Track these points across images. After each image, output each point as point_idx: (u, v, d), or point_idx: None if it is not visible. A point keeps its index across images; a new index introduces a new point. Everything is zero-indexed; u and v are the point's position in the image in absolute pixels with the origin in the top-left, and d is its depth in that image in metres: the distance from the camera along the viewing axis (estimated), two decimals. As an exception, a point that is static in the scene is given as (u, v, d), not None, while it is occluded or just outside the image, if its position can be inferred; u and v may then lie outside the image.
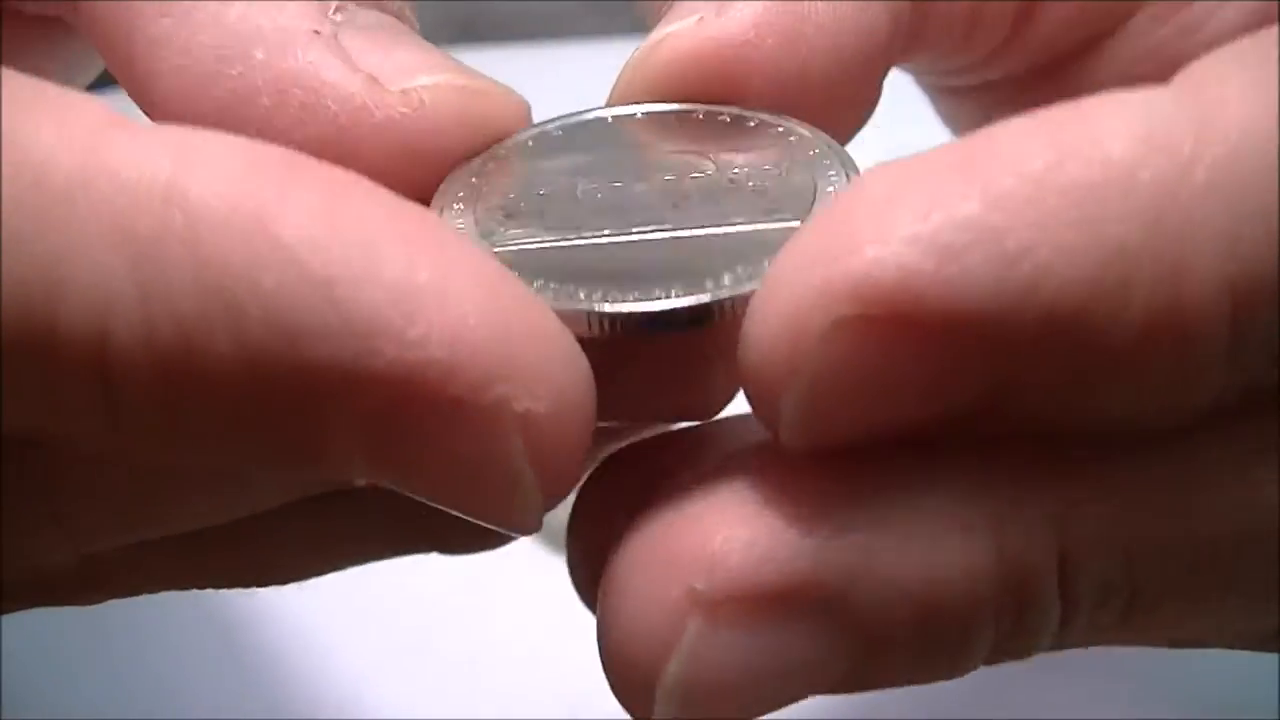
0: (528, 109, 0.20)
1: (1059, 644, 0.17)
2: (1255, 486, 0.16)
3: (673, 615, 0.16)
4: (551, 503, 0.16)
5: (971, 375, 0.15)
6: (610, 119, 0.20)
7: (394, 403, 0.15)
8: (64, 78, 0.24)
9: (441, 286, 0.15)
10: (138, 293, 0.14)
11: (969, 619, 0.16)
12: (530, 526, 0.16)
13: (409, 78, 0.18)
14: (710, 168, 0.19)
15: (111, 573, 0.20)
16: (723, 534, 0.16)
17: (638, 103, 0.20)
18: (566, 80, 0.32)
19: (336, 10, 0.18)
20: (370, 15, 0.19)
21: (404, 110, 0.18)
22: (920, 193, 0.15)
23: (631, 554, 0.16)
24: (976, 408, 0.15)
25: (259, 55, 0.17)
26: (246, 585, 0.21)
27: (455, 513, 0.16)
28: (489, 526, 0.16)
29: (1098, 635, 0.17)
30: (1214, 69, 0.16)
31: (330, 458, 0.15)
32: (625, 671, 0.16)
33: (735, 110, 0.19)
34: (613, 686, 0.17)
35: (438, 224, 0.16)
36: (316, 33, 0.18)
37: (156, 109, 0.18)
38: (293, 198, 0.15)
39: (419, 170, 0.18)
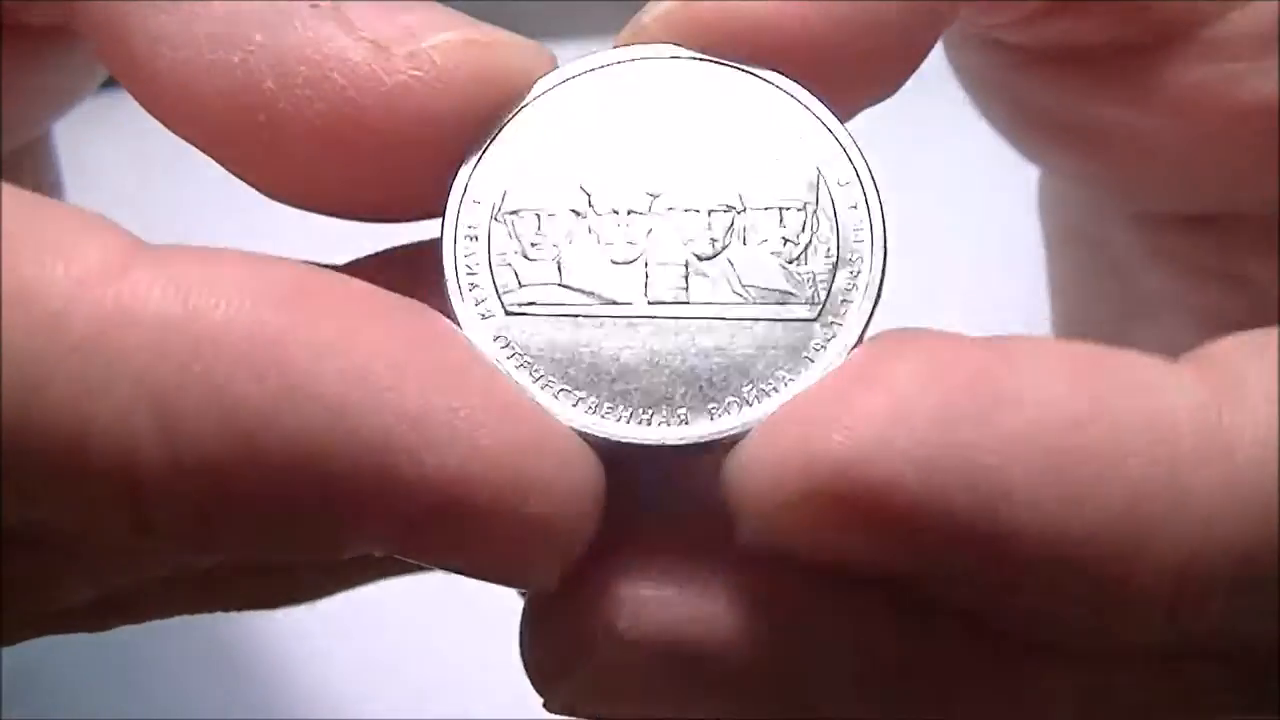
0: (549, 56, 0.19)
1: None
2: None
3: (579, 651, 0.17)
4: (566, 569, 0.17)
5: (917, 565, 0.16)
6: (633, 62, 0.18)
7: (414, 513, 0.15)
8: (71, 86, 0.24)
9: (456, 412, 0.15)
10: (161, 432, 0.15)
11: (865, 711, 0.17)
12: (549, 588, 0.17)
13: (416, 39, 0.17)
14: (731, 199, 0.18)
15: (130, 604, 0.20)
16: (639, 586, 0.17)
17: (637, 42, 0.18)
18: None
19: None
20: None
21: (415, 73, 0.17)
22: (928, 406, 0.16)
23: (554, 597, 0.18)
24: (904, 582, 0.17)
25: (258, 38, 0.17)
26: (263, 609, 0.22)
27: (475, 578, 0.17)
28: (507, 586, 0.17)
29: None
30: (1236, 360, 0.17)
31: (353, 550, 0.16)
32: (538, 683, 0.18)
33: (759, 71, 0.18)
34: (532, 683, 0.18)
35: (451, 341, 0.16)
36: (315, 5, 0.17)
37: (161, 107, 0.18)
38: (305, 328, 0.15)
39: (438, 133, 0.17)
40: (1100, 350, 0.17)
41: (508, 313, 0.17)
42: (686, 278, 0.17)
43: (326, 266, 0.21)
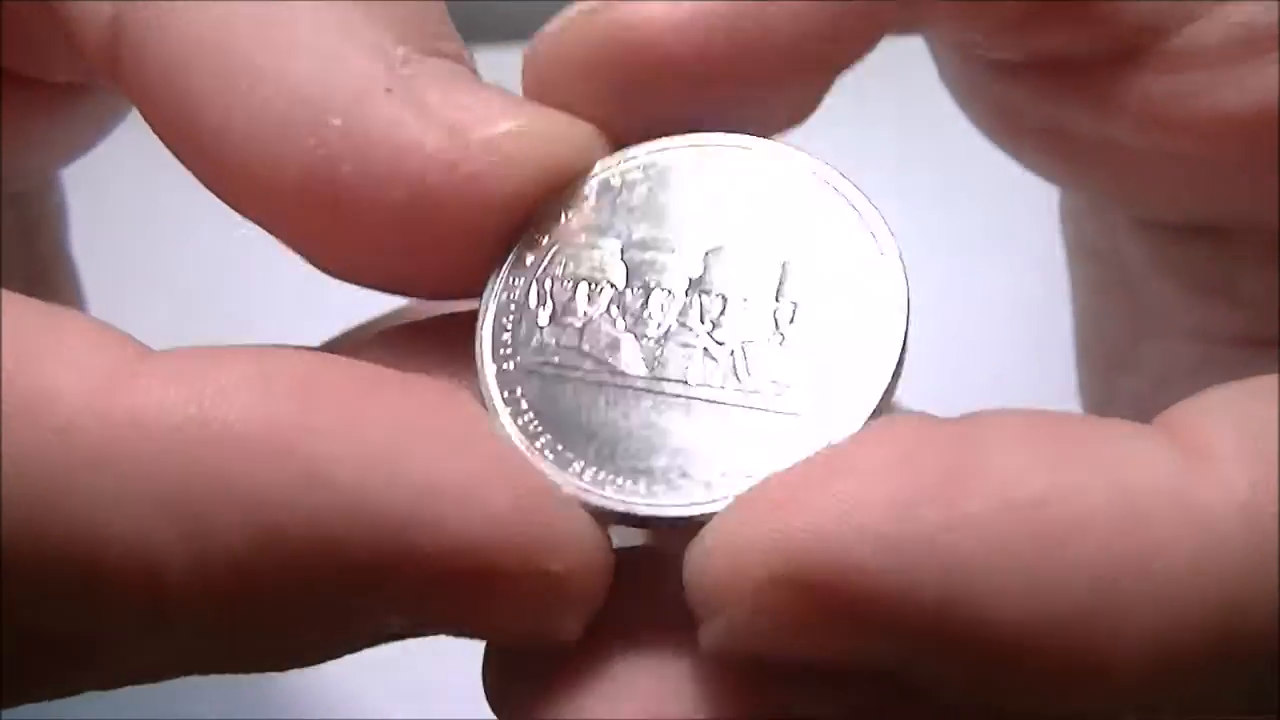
0: (601, 142, 0.19)
1: None
2: None
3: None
4: (585, 622, 0.17)
5: (886, 659, 0.16)
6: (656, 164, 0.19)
7: (435, 582, 0.16)
8: (83, 136, 0.23)
9: (468, 486, 0.16)
10: (182, 538, 0.15)
11: None
12: (572, 638, 0.17)
13: (490, 126, 0.17)
14: (758, 290, 0.18)
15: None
16: (618, 666, 0.17)
17: (554, 89, 0.19)
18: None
19: (404, 63, 0.17)
20: (438, 64, 0.18)
21: (491, 160, 0.17)
22: (890, 488, 0.15)
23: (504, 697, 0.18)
24: (881, 679, 0.16)
25: (335, 123, 0.17)
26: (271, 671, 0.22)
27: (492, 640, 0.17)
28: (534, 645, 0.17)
29: None
30: (1206, 423, 0.16)
31: (372, 626, 0.16)
32: None
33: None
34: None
35: (460, 415, 0.16)
36: (389, 90, 0.17)
37: (223, 183, 0.17)
38: (316, 417, 0.15)
39: (502, 219, 0.18)
40: (1068, 421, 0.16)
41: (525, 371, 0.18)
42: (701, 359, 0.18)
43: (347, 335, 0.21)
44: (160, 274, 0.44)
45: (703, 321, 0.18)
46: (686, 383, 0.18)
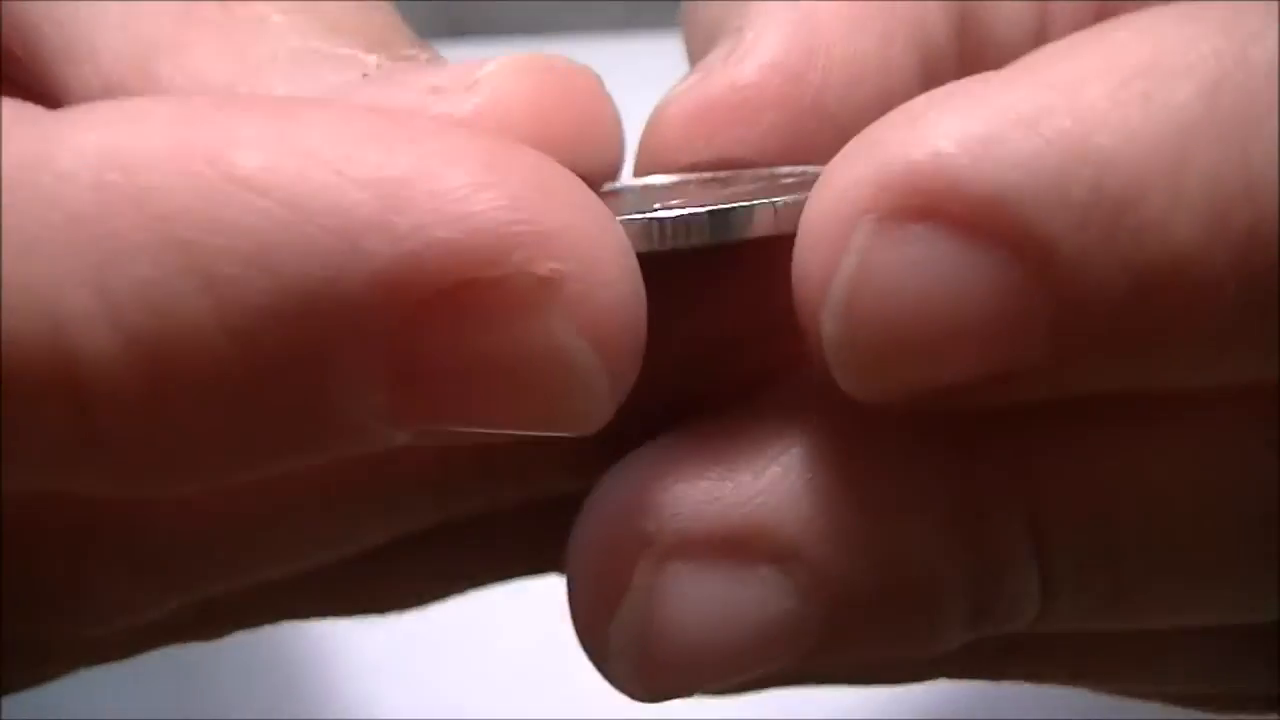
0: (599, 85, 0.17)
1: (1049, 624, 0.16)
2: (1250, 460, 0.15)
3: (623, 559, 0.15)
4: (620, 384, 0.14)
5: (1030, 299, 0.14)
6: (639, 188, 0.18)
7: (404, 310, 0.13)
8: None
9: (429, 168, 0.13)
10: (88, 274, 0.13)
11: (935, 581, 0.15)
12: (603, 414, 0.14)
13: (469, 75, 0.16)
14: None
15: (227, 612, 0.19)
16: (673, 475, 0.16)
17: (653, 171, 0.18)
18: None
19: (378, 66, 0.17)
20: (410, 63, 0.17)
21: (476, 101, 0.16)
22: (964, 90, 0.14)
23: (591, 504, 0.16)
24: (1034, 373, 0.14)
25: None
26: (364, 615, 0.21)
27: (516, 432, 0.14)
28: (555, 431, 0.14)
29: (1089, 618, 0.17)
30: None
31: (352, 414, 0.13)
32: (585, 625, 0.16)
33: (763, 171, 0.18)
34: (580, 642, 0.17)
35: (421, 118, 0.14)
36: (366, 76, 0.16)
37: None
38: (241, 127, 0.13)
39: None
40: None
41: None
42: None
43: None
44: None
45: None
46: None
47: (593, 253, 0.13)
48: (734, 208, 0.15)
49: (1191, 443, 0.16)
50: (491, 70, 0.16)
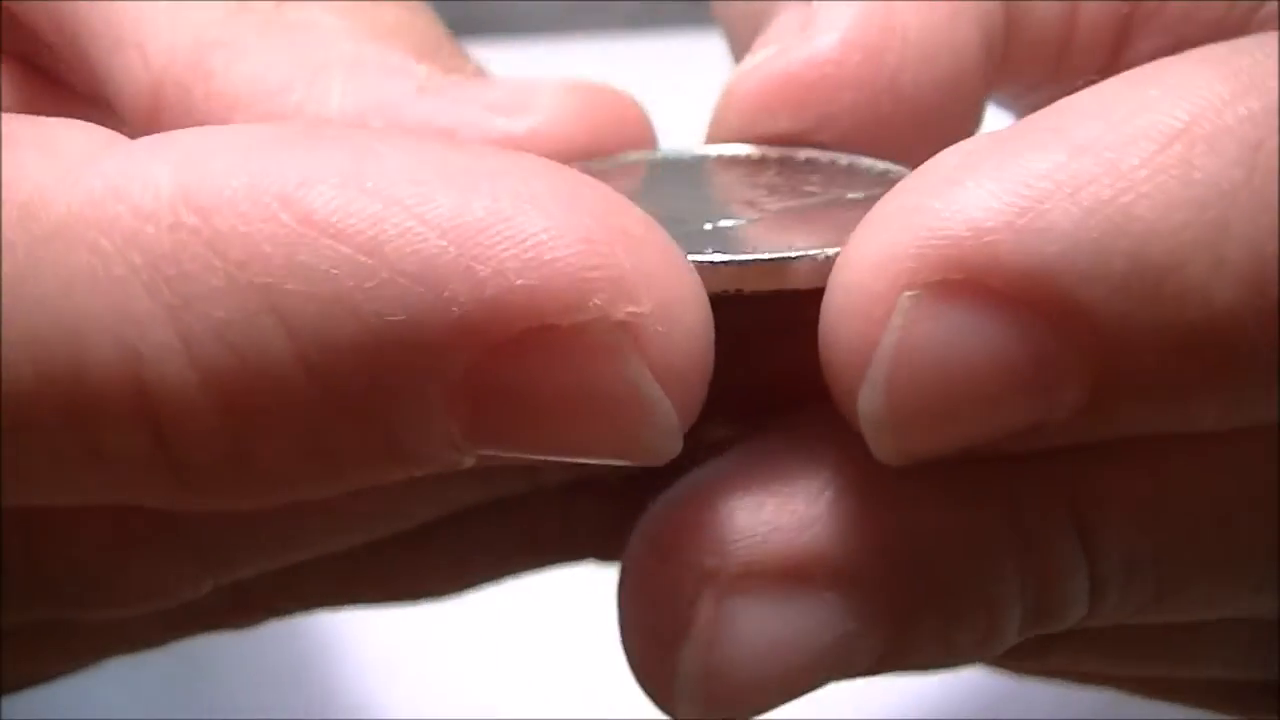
0: (644, 113, 0.18)
1: (1094, 621, 0.17)
2: None
3: (684, 595, 0.15)
4: (687, 419, 0.14)
5: (1070, 361, 0.14)
6: (696, 158, 0.19)
7: (481, 350, 0.13)
8: None
9: (506, 211, 0.13)
10: (167, 314, 0.13)
11: (991, 593, 0.16)
12: (671, 448, 0.14)
13: (522, 95, 0.17)
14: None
15: (262, 597, 0.20)
16: (731, 506, 0.15)
17: (727, 141, 0.19)
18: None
19: (429, 76, 0.17)
20: (460, 77, 0.18)
21: (532, 122, 0.16)
22: (997, 152, 0.14)
23: (644, 534, 0.16)
24: (1073, 419, 0.14)
25: (377, 124, 0.16)
26: (399, 602, 0.21)
27: (580, 460, 0.14)
28: (621, 462, 0.14)
29: (1133, 616, 0.17)
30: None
31: (424, 443, 0.14)
32: (644, 662, 0.16)
33: (818, 153, 0.18)
34: (637, 680, 0.16)
35: (495, 154, 0.14)
36: (421, 89, 0.17)
37: None
38: (316, 166, 0.13)
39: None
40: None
41: None
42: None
43: None
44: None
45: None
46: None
47: (668, 296, 0.13)
48: (798, 256, 0.15)
49: (1233, 455, 0.16)
50: (545, 92, 0.16)
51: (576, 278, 0.13)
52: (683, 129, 0.21)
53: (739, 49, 0.20)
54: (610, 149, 0.17)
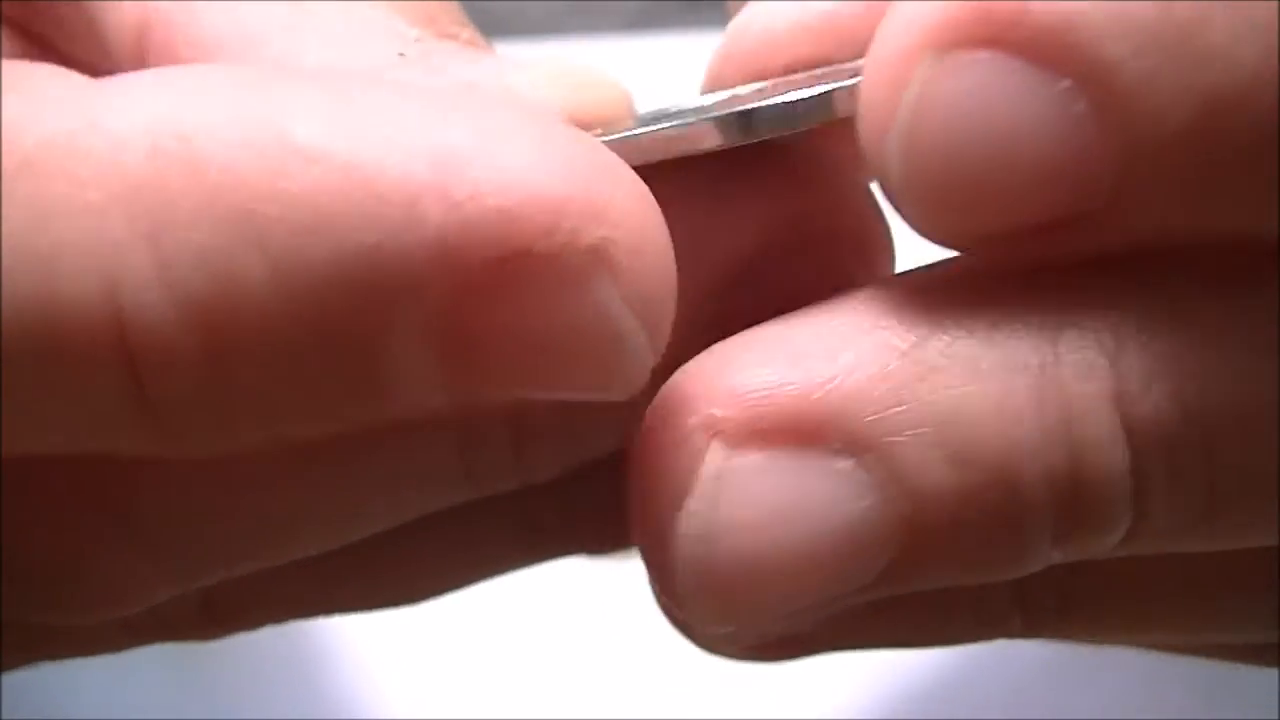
0: (629, 96, 0.18)
1: (1136, 544, 0.16)
2: None
3: (692, 449, 0.15)
4: (658, 346, 0.14)
5: (1096, 131, 0.13)
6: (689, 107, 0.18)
7: (457, 277, 0.13)
8: None
9: (482, 140, 0.13)
10: (145, 241, 0.13)
11: (1020, 481, 0.15)
12: (640, 378, 0.14)
13: (504, 80, 0.16)
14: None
15: (234, 606, 0.19)
16: (742, 361, 0.15)
17: (731, 85, 0.18)
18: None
19: (418, 41, 0.17)
20: (452, 44, 0.17)
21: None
22: None
23: (659, 398, 0.16)
24: (1102, 216, 0.14)
25: None
26: (379, 608, 0.20)
27: (556, 395, 0.14)
28: (597, 396, 0.15)
29: (1180, 536, 0.16)
30: None
31: (401, 380, 0.14)
32: (646, 525, 0.16)
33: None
34: (640, 551, 0.16)
35: (474, 91, 0.14)
36: (402, 55, 0.16)
37: None
38: (298, 98, 0.13)
39: None
40: None
41: None
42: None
43: None
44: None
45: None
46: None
47: (636, 223, 0.14)
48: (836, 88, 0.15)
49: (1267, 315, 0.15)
50: (525, 76, 0.16)
51: (550, 202, 0.13)
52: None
53: None
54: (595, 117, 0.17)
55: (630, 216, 0.14)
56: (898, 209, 0.14)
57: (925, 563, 0.15)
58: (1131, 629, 0.19)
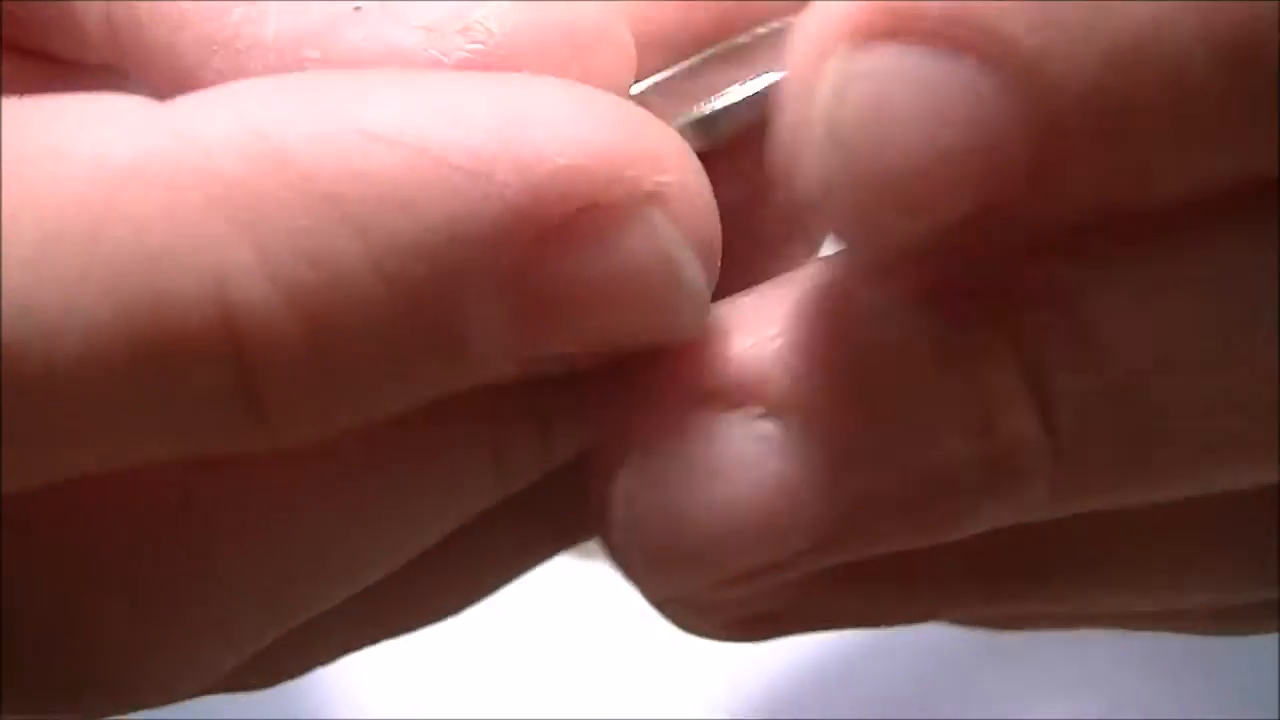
0: (619, 19, 0.17)
1: (1068, 497, 0.16)
2: (1256, 282, 0.15)
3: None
4: (712, 288, 0.16)
5: (1006, 107, 0.13)
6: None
7: (530, 237, 0.14)
8: None
9: (538, 109, 0.14)
10: (246, 234, 0.14)
11: (930, 421, 0.15)
12: (701, 316, 0.16)
13: (466, 16, 0.16)
14: None
15: (283, 660, 0.19)
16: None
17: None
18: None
19: None
20: None
21: (474, 47, 0.16)
22: None
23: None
24: (1024, 200, 0.14)
25: (313, 55, 0.16)
26: (421, 627, 0.21)
27: (622, 342, 0.15)
28: (661, 337, 0.15)
29: (1111, 488, 0.16)
30: None
31: (477, 340, 0.15)
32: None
33: None
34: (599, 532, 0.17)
35: (512, 75, 0.15)
36: (358, 9, 0.17)
37: None
38: (368, 91, 0.14)
39: None
40: None
41: None
42: None
43: None
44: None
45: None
46: None
47: (685, 168, 0.15)
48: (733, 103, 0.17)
49: (1191, 268, 0.15)
50: (486, 14, 0.16)
51: (610, 156, 0.14)
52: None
53: None
54: (567, 68, 0.16)
55: (679, 163, 0.15)
56: (819, 210, 0.14)
57: (849, 541, 0.16)
58: (1088, 595, 0.19)
